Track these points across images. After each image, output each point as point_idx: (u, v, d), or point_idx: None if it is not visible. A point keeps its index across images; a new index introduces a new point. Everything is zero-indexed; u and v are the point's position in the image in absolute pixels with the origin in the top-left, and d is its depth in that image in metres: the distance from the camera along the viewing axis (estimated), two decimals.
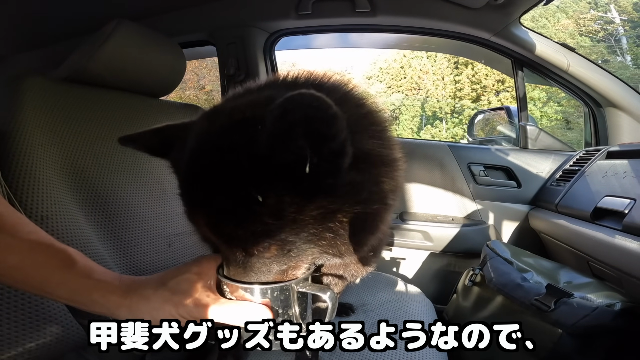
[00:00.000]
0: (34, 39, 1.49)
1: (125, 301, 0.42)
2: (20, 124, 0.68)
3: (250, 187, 0.35)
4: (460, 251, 1.48)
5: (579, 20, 15.30)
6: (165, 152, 0.48)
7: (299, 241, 0.38)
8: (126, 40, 0.87)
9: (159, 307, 0.42)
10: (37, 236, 0.43)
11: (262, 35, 1.57)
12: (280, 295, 0.42)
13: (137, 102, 0.98)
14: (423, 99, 16.45)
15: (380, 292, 1.01)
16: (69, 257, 0.43)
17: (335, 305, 0.44)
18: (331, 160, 0.34)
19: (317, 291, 0.44)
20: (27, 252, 0.41)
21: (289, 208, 0.35)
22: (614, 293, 0.88)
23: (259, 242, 0.38)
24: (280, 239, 0.38)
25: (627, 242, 0.86)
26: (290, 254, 0.40)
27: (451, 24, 1.45)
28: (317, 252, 0.41)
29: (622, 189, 0.99)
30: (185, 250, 0.91)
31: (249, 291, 0.42)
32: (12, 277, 0.41)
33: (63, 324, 0.60)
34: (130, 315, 0.42)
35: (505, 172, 1.51)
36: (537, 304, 0.89)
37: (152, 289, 0.43)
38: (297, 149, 0.32)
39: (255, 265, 0.41)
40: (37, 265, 0.41)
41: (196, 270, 0.45)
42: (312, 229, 0.38)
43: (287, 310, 0.43)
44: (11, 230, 0.41)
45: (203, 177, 0.37)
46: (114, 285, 0.43)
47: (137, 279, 0.45)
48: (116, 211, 0.79)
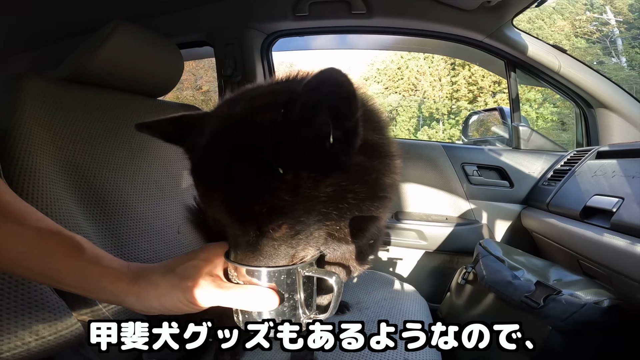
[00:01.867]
0: (32, 39, 1.49)
1: (134, 287, 0.42)
2: (20, 123, 0.69)
3: (271, 161, 0.36)
4: (454, 250, 1.50)
5: (575, 22, 15.39)
6: (180, 139, 0.49)
7: (309, 221, 0.40)
8: (125, 41, 0.88)
9: (167, 292, 0.42)
10: (45, 224, 0.43)
11: (260, 36, 1.59)
12: (287, 279, 0.43)
13: (135, 102, 0.99)
14: (420, 100, 16.50)
15: (375, 291, 1.03)
16: (77, 244, 0.43)
17: (340, 290, 0.44)
18: (346, 138, 0.37)
19: (323, 275, 0.44)
20: (36, 240, 0.40)
21: (305, 184, 0.37)
22: (603, 290, 0.90)
23: (272, 220, 0.39)
24: (293, 218, 0.39)
25: (615, 240, 0.87)
26: (299, 237, 0.41)
27: (445, 26, 1.47)
28: (323, 236, 0.43)
29: (611, 188, 1.01)
30: (182, 248, 0.92)
31: (256, 274, 0.42)
32: (21, 266, 0.40)
33: (62, 319, 0.61)
34: (138, 302, 0.42)
35: (498, 172, 1.53)
36: (526, 301, 0.91)
37: (160, 274, 0.43)
38: (320, 124, 0.35)
39: (265, 248, 0.41)
40: (46, 253, 0.40)
41: (203, 257, 0.45)
42: (323, 208, 0.39)
43: (292, 295, 0.43)
44: (19, 218, 0.41)
45: (224, 154, 0.38)
46: (122, 272, 0.43)
47: (145, 265, 0.46)
48: (114, 209, 0.80)
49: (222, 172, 0.38)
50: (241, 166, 0.37)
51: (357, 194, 0.40)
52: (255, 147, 0.37)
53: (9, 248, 0.39)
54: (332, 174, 0.38)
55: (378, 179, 0.42)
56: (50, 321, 0.59)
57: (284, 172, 0.36)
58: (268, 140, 0.36)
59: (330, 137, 0.36)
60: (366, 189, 0.41)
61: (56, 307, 0.60)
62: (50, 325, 0.59)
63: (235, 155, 0.38)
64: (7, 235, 0.39)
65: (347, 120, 0.36)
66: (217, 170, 0.39)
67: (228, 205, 0.39)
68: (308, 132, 0.36)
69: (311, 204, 0.38)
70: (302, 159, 0.37)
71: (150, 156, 0.94)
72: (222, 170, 0.38)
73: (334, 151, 0.37)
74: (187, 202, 0.89)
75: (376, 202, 0.42)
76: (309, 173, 0.37)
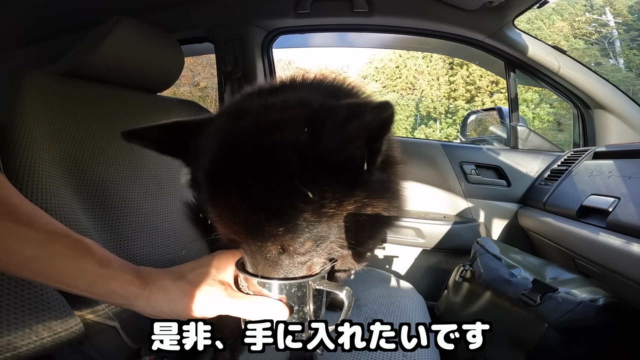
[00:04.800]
0: (32, 35, 1.48)
1: (144, 292, 0.42)
2: (21, 117, 0.69)
3: (298, 184, 0.35)
4: (451, 248, 1.51)
5: (574, 23, 15.41)
6: (177, 151, 0.47)
7: (328, 236, 0.40)
8: (126, 37, 0.88)
9: (178, 298, 0.42)
10: (54, 227, 0.42)
11: (260, 33, 1.59)
12: (298, 292, 0.42)
13: (135, 97, 0.99)
14: (418, 99, 16.52)
15: (373, 288, 1.03)
16: (86, 247, 0.42)
17: (351, 304, 0.44)
18: (370, 157, 0.36)
19: (333, 289, 0.44)
20: (45, 243, 0.40)
21: (330, 204, 0.37)
22: (598, 289, 0.91)
23: (296, 240, 0.38)
24: (315, 235, 0.38)
25: (610, 239, 0.88)
26: (317, 250, 0.41)
27: (447, 25, 1.48)
28: (338, 245, 0.42)
29: (607, 188, 1.02)
30: (181, 244, 0.92)
31: (267, 286, 0.42)
32: (30, 269, 0.40)
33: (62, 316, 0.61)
34: (148, 307, 0.43)
35: (495, 171, 1.55)
36: (524, 299, 0.92)
37: (171, 280, 0.43)
38: (354, 148, 0.34)
39: (284, 263, 0.41)
40: (55, 256, 0.40)
41: (215, 265, 0.45)
42: (342, 222, 0.39)
43: (302, 307, 0.43)
44: (27, 221, 0.40)
45: (242, 175, 0.36)
46: (133, 276, 0.43)
47: (155, 270, 0.45)
48: (113, 204, 0.80)
49: (241, 194, 0.37)
50: (263, 188, 0.35)
51: (375, 207, 0.40)
52: (279, 169, 0.35)
53: (18, 251, 0.39)
54: (355, 192, 0.38)
55: (393, 190, 0.43)
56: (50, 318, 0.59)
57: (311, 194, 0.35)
58: (293, 162, 0.35)
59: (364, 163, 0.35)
60: (384, 202, 0.41)
61: (59, 304, 0.61)
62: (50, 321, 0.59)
63: (256, 176, 0.36)
64: (16, 239, 0.39)
65: (376, 142, 0.35)
66: (234, 191, 0.37)
67: (249, 227, 0.38)
68: (339, 156, 0.35)
69: (333, 221, 0.38)
70: (329, 180, 0.36)
71: (149, 151, 0.94)
72: (241, 192, 0.37)
73: (359, 170, 0.36)
74: (185, 198, 0.89)
75: (391, 211, 0.43)
76: (334, 193, 0.37)
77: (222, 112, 0.45)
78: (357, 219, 0.40)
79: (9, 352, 0.53)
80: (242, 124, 0.39)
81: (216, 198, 0.39)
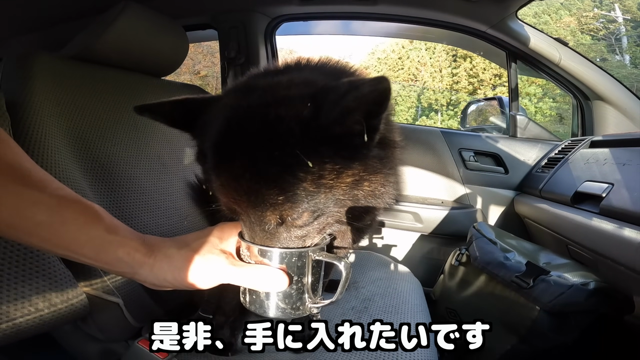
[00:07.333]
0: (36, 21, 1.48)
1: (149, 260, 0.42)
2: (32, 96, 0.71)
3: (300, 154, 0.37)
4: (449, 233, 1.53)
5: (582, 18, 15.17)
6: (186, 125, 0.48)
7: (326, 209, 0.41)
8: (133, 22, 0.89)
9: (181, 266, 0.42)
10: (65, 192, 0.42)
11: (264, 20, 1.59)
12: (298, 262, 0.43)
13: (140, 80, 1.01)
14: (420, 91, 16.40)
15: (371, 271, 1.05)
16: (96, 213, 0.42)
17: (349, 276, 0.45)
18: (369, 133, 0.38)
19: (332, 260, 0.45)
20: (56, 208, 0.40)
21: (329, 175, 0.39)
22: (589, 273, 0.92)
23: (294, 210, 0.39)
24: (314, 206, 0.40)
25: (603, 224, 0.90)
26: (315, 223, 0.42)
27: (450, 15, 1.48)
28: (334, 219, 0.44)
29: (602, 175, 1.04)
30: (183, 222, 0.95)
31: (268, 255, 0.43)
32: (39, 235, 0.39)
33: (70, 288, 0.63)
34: (152, 275, 0.43)
35: (494, 159, 1.56)
36: (517, 281, 0.94)
37: (175, 248, 0.44)
38: (353, 122, 0.36)
39: (282, 234, 0.43)
40: (65, 222, 0.40)
41: (218, 235, 0.46)
42: (340, 196, 0.41)
43: (301, 278, 0.44)
44: (39, 185, 0.40)
45: (247, 145, 0.38)
46: (139, 243, 0.43)
47: (160, 238, 0.46)
48: (118, 182, 0.82)
49: (245, 163, 0.38)
50: (267, 157, 0.37)
51: (371, 182, 0.42)
52: (282, 140, 0.37)
53: (30, 215, 0.38)
54: (353, 165, 0.40)
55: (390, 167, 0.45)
56: (61, 290, 0.61)
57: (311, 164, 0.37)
58: (296, 133, 0.37)
59: (363, 135, 0.37)
60: (380, 177, 0.43)
61: (64, 277, 0.62)
62: (61, 293, 0.61)
63: (260, 146, 0.38)
64: (28, 203, 0.38)
65: (375, 118, 0.37)
66: (239, 160, 0.39)
67: (251, 196, 0.39)
68: (339, 129, 0.37)
69: (331, 193, 0.40)
70: (328, 152, 0.38)
71: (154, 131, 0.97)
72: (245, 161, 0.38)
73: (357, 145, 0.39)
74: (188, 178, 0.92)
75: (386, 187, 0.45)
76: (333, 165, 0.38)
77: (230, 90, 0.47)
78: (354, 194, 0.42)
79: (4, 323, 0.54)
80: (250, 99, 0.42)
81: (221, 167, 0.41)
